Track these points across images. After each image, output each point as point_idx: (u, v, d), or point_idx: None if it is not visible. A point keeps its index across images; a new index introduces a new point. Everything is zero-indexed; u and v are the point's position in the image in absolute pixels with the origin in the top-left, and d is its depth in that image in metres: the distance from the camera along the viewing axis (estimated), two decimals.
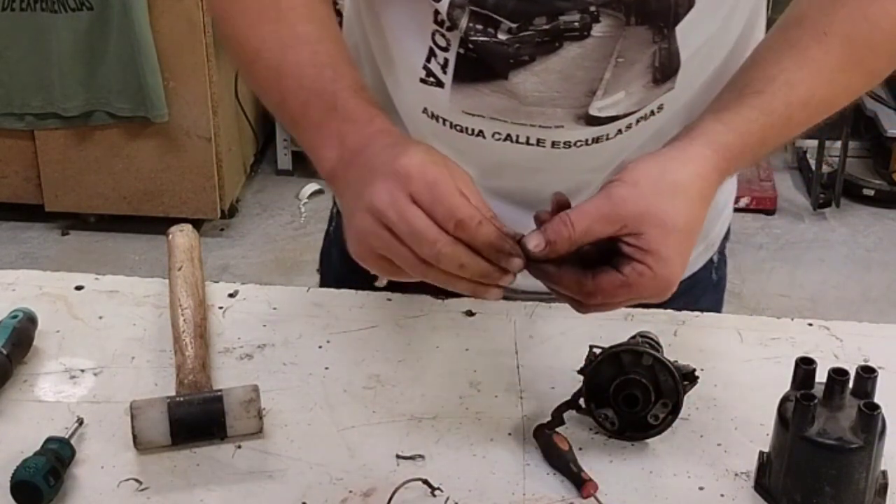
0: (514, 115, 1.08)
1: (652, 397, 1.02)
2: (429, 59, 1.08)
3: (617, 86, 1.05)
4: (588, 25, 1.01)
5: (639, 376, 1.02)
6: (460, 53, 1.05)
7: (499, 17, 1.02)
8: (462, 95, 1.08)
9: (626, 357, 1.03)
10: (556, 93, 1.05)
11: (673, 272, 0.95)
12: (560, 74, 1.04)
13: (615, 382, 1.03)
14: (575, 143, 1.09)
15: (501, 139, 1.10)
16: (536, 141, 1.09)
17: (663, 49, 1.04)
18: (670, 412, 1.03)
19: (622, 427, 1.04)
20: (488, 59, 1.04)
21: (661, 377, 1.02)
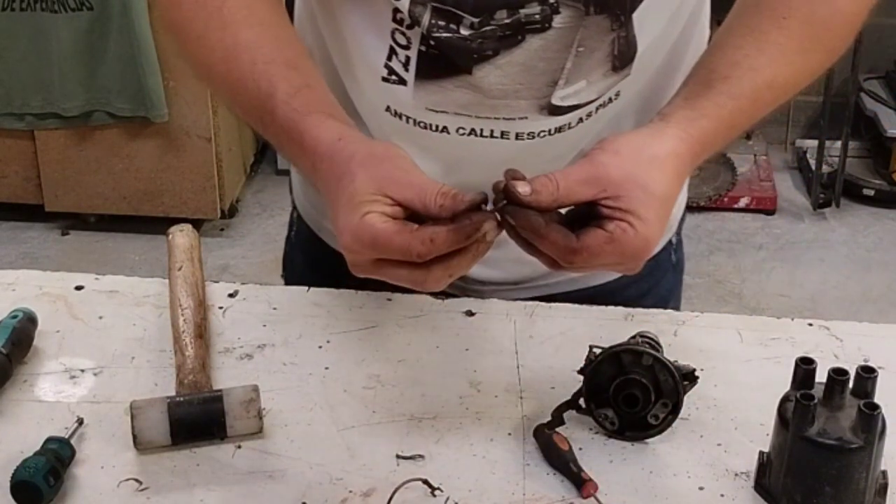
0: (479, 109, 1.08)
1: (652, 397, 1.02)
2: (390, 57, 1.08)
3: (578, 75, 1.07)
4: (549, 17, 1.03)
5: (639, 376, 1.02)
6: (422, 51, 1.06)
7: (460, 12, 1.03)
8: (425, 92, 1.08)
9: (626, 357, 1.03)
10: (519, 85, 1.07)
11: (652, 234, 0.95)
12: (523, 67, 1.06)
13: (615, 382, 1.03)
14: (539, 133, 1.10)
15: (466, 134, 1.11)
16: (501, 134, 1.10)
17: (621, 37, 1.06)
18: (670, 412, 1.03)
19: (622, 427, 1.04)
20: (451, 54, 1.05)
21: (661, 377, 1.02)
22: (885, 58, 3.91)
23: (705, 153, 1.02)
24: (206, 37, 1.05)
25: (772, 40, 1.05)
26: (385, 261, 0.93)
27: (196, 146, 3.46)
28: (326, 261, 1.30)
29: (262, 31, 1.05)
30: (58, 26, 3.25)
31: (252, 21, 1.05)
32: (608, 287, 1.27)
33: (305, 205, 1.36)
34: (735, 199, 3.78)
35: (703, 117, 1.02)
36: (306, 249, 1.37)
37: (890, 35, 3.89)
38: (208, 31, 1.04)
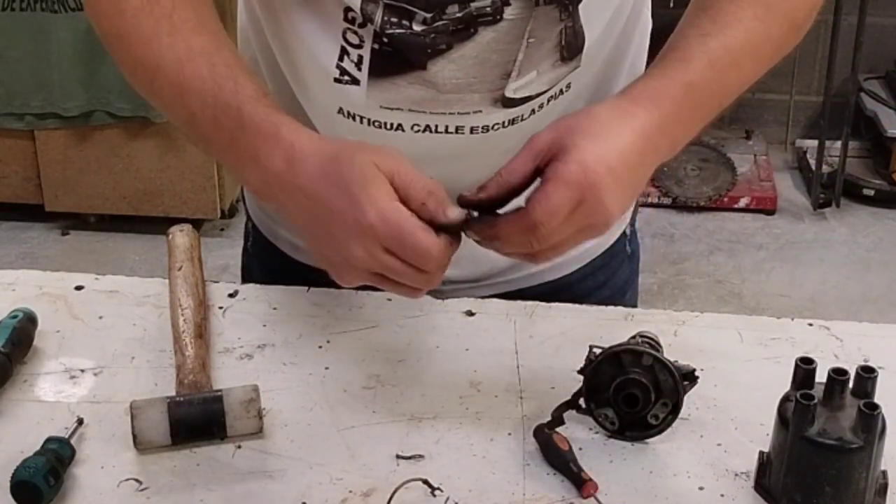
0: (433, 105, 1.09)
1: (652, 397, 1.02)
2: (341, 57, 1.08)
3: (529, 66, 1.08)
4: (500, 9, 1.04)
5: (639, 376, 1.02)
6: (374, 49, 1.06)
7: (413, 7, 1.03)
8: (379, 90, 1.09)
9: (626, 357, 1.03)
10: (472, 78, 1.07)
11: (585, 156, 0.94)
12: (476, 60, 1.06)
13: (615, 382, 1.03)
14: (493, 126, 1.11)
15: (420, 130, 1.11)
16: (455, 129, 1.11)
17: (569, 27, 1.07)
18: (670, 412, 1.03)
19: (622, 427, 1.04)
20: (405, 51, 1.05)
21: (661, 377, 1.02)
22: (885, 58, 3.91)
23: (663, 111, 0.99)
24: (154, 40, 1.03)
25: (724, 10, 1.05)
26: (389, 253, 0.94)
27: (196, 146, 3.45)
28: (283, 269, 1.30)
29: (214, 38, 1.04)
30: (58, 26, 3.25)
31: (202, 29, 1.04)
32: (566, 280, 1.29)
33: (259, 214, 1.36)
34: (735, 199, 3.78)
35: (649, 80, 1.03)
36: (263, 259, 1.37)
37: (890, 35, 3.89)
38: (157, 35, 1.03)
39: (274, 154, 0.98)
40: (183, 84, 1.02)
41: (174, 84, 1.02)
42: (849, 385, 0.95)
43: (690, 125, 1.03)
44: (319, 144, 0.98)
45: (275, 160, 0.98)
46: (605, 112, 0.99)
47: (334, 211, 0.95)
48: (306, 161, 0.97)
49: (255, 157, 0.99)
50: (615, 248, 1.34)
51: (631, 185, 0.98)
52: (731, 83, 1.06)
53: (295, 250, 1.30)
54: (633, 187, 0.98)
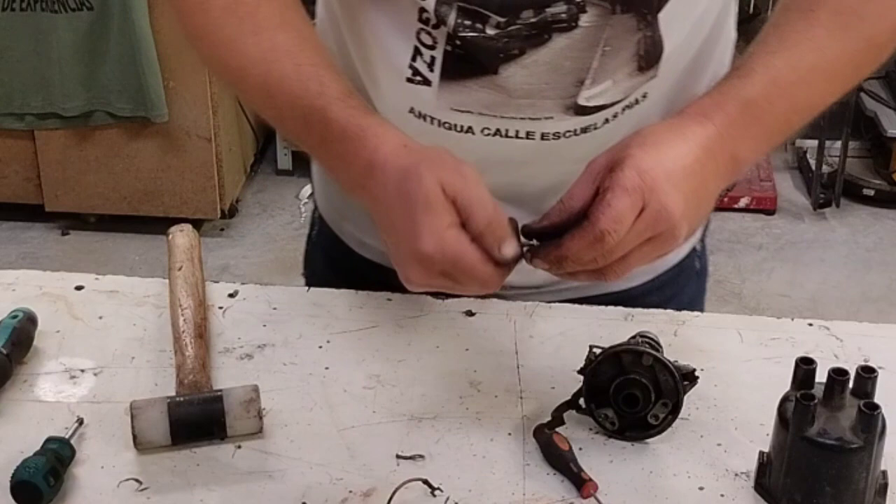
0: (504, 109, 1.08)
1: (652, 397, 1.02)
2: (414, 57, 1.08)
3: (604, 74, 1.06)
4: (575, 16, 1.02)
5: (639, 376, 1.02)
6: (447, 50, 1.05)
7: (487, 11, 1.02)
8: (450, 92, 1.08)
9: (626, 357, 1.03)
10: (545, 84, 1.06)
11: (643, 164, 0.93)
12: (549, 66, 1.05)
13: (615, 382, 1.03)
14: (564, 133, 1.10)
15: (491, 134, 1.10)
16: (526, 134, 1.10)
17: (647, 37, 1.05)
18: (670, 412, 1.03)
19: (622, 427, 1.04)
20: (477, 54, 1.05)
21: (661, 377, 1.02)
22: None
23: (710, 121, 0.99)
24: (239, 41, 1.04)
25: (796, 29, 1.03)
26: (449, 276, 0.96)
27: (196, 146, 3.46)
28: (346, 261, 1.30)
29: (299, 35, 1.04)
30: (58, 26, 3.25)
31: (287, 27, 1.04)
32: (632, 293, 1.25)
33: (326, 206, 1.36)
34: (735, 199, 3.78)
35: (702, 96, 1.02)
36: (327, 249, 1.36)
37: None
38: (241, 35, 1.04)
39: (358, 157, 0.99)
40: (270, 85, 1.02)
41: (261, 85, 1.03)
42: (849, 385, 0.95)
43: (752, 141, 1.02)
44: (398, 154, 0.98)
45: (358, 164, 0.99)
46: (657, 128, 0.99)
47: (399, 231, 0.96)
48: (385, 170, 0.97)
49: (342, 157, 1.00)
50: (684, 264, 1.31)
51: (693, 193, 0.96)
52: (800, 101, 1.05)
53: (360, 246, 1.30)
54: (696, 197, 0.97)
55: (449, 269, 0.95)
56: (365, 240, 1.29)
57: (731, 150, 1.00)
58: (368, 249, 1.29)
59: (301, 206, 3.79)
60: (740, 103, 1.00)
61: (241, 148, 3.76)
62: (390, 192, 0.96)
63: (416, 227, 0.94)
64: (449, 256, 0.94)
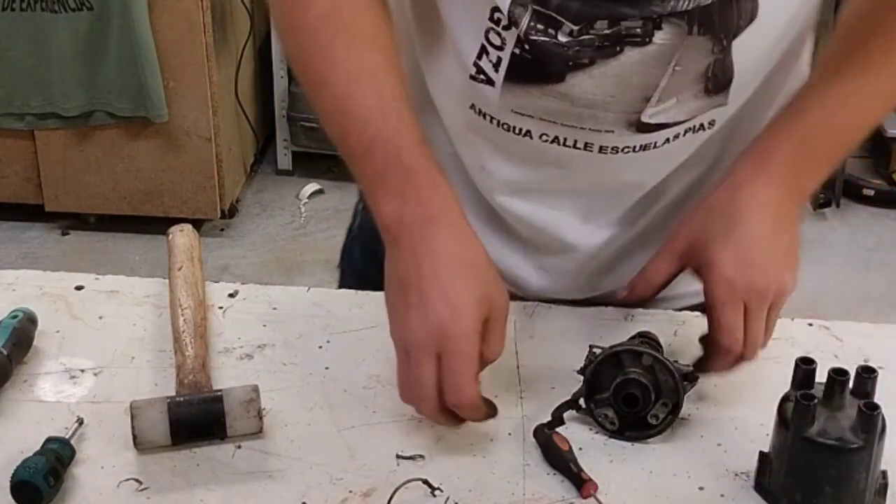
0: (565, 118, 1.08)
1: (652, 397, 1.02)
2: (480, 56, 1.07)
3: (671, 93, 1.06)
4: (650, 32, 1.01)
5: (639, 376, 1.02)
6: (515, 53, 1.04)
7: (561, 18, 1.01)
8: (513, 95, 1.07)
9: (626, 357, 1.03)
10: (610, 97, 1.05)
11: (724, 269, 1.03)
12: (617, 79, 1.04)
13: (615, 382, 1.03)
14: (623, 148, 1.09)
15: (549, 141, 1.10)
16: (584, 145, 1.09)
17: (718, 60, 1.04)
18: (670, 412, 1.03)
19: (622, 427, 1.04)
20: (545, 60, 1.04)
21: (661, 377, 1.02)
22: None
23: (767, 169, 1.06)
24: (329, 51, 1.04)
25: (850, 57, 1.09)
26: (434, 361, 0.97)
27: (196, 146, 3.46)
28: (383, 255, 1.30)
29: (387, 60, 1.04)
30: (58, 26, 3.24)
31: (378, 47, 1.04)
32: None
33: None
34: None
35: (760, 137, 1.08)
36: (367, 243, 1.35)
37: None
38: (332, 46, 1.03)
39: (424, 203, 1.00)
40: (347, 103, 1.02)
41: (338, 99, 1.03)
42: (849, 385, 0.95)
43: (811, 173, 1.09)
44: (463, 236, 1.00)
45: (420, 208, 1.00)
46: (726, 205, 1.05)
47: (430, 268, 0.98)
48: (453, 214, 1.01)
49: (401, 193, 1.00)
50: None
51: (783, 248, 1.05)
52: (854, 126, 1.11)
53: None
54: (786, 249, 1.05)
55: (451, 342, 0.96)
56: None
57: (796, 189, 1.08)
58: None
59: (301, 206, 3.79)
60: (795, 142, 1.07)
61: (241, 148, 3.75)
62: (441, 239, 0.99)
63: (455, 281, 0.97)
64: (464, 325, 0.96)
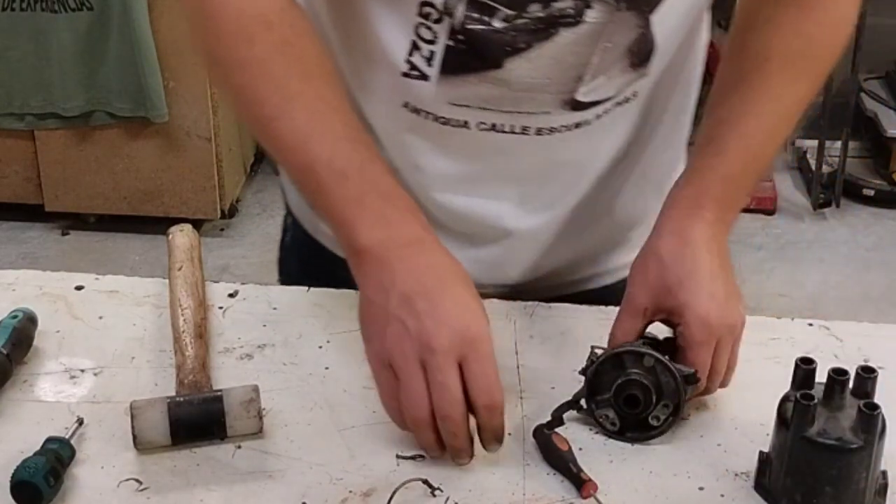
0: (502, 103, 1.09)
1: (653, 399, 1.02)
2: (411, 52, 1.08)
3: (600, 70, 1.08)
4: (581, 11, 1.03)
5: (640, 377, 1.02)
6: (449, 45, 1.06)
7: (496, 4, 1.02)
8: (449, 87, 1.08)
9: (627, 358, 1.03)
10: (547, 79, 1.07)
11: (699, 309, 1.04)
12: (552, 60, 1.06)
13: (616, 383, 1.03)
14: (559, 128, 1.11)
15: (487, 129, 1.11)
16: (521, 129, 1.11)
17: (641, 34, 1.07)
18: (671, 413, 1.03)
19: (623, 428, 1.04)
20: (481, 48, 1.05)
21: (662, 378, 1.02)
22: (885, 58, 3.91)
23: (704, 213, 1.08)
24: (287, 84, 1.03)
25: (753, 86, 1.11)
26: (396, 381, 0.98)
27: (196, 146, 3.46)
28: (323, 264, 1.30)
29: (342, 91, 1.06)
30: (58, 26, 3.24)
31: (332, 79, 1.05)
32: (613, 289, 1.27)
33: (300, 208, 1.35)
34: None
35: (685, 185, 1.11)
36: (302, 253, 1.37)
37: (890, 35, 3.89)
38: (289, 78, 1.03)
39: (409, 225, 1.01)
40: (311, 135, 1.02)
41: (300, 131, 1.02)
42: (849, 385, 0.95)
43: (737, 205, 1.12)
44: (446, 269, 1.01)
45: (406, 230, 1.01)
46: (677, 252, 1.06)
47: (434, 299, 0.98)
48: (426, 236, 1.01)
49: (383, 217, 1.01)
50: None
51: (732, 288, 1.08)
52: (767, 155, 1.14)
53: (335, 245, 1.29)
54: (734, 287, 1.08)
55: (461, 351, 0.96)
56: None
57: (726, 224, 1.10)
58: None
59: None
60: (722, 182, 1.09)
61: (241, 148, 3.75)
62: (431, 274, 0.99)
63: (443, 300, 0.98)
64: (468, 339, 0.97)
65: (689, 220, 1.07)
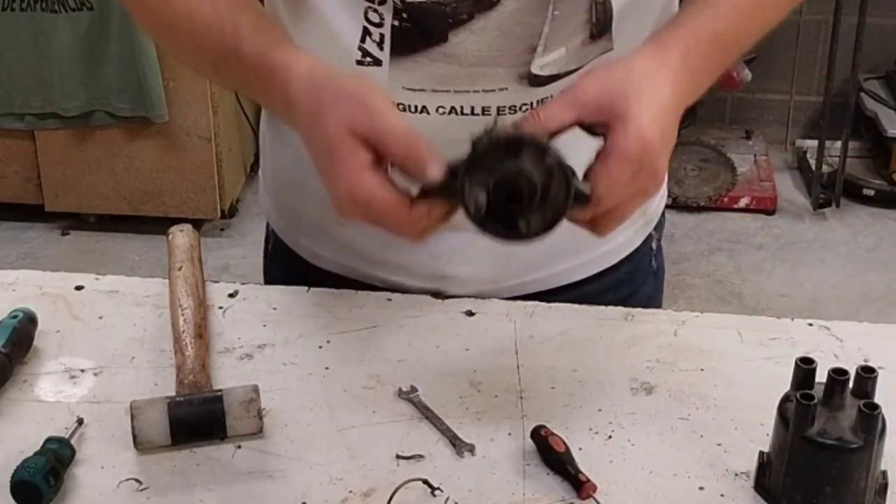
0: (456, 82, 1.08)
1: (534, 202, 0.91)
2: (363, 38, 1.08)
3: (556, 42, 1.07)
4: None
5: (532, 174, 0.90)
6: (395, 25, 1.06)
7: None
8: (401, 70, 1.08)
9: (528, 148, 0.91)
10: (496, 51, 1.06)
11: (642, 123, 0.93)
12: (499, 31, 1.05)
13: (504, 169, 0.90)
14: (521, 106, 1.10)
15: (446, 113, 1.10)
16: (482, 110, 1.10)
17: (598, 3, 1.06)
18: (543, 227, 0.93)
19: (485, 217, 0.93)
20: (425, 22, 1.05)
21: (554, 185, 0.91)
22: (885, 58, 3.91)
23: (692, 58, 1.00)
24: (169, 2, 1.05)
25: None
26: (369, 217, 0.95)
27: (196, 146, 3.46)
28: (302, 273, 1.30)
29: None
30: (58, 26, 3.25)
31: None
32: (587, 291, 1.26)
33: (278, 220, 1.35)
34: (735, 199, 3.78)
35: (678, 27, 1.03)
36: (283, 263, 1.37)
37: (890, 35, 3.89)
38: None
39: (274, 96, 1.00)
40: (195, 37, 1.04)
41: (187, 35, 1.05)
42: (849, 385, 0.95)
43: (714, 74, 1.04)
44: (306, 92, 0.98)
45: (276, 101, 1.01)
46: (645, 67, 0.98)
47: (319, 171, 0.97)
48: (298, 111, 0.99)
49: (263, 95, 1.03)
50: (638, 263, 1.31)
51: (669, 134, 0.97)
52: (752, 29, 1.07)
53: (315, 257, 1.29)
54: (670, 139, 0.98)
55: (366, 213, 0.95)
56: (319, 251, 1.29)
57: (697, 85, 1.02)
58: (323, 261, 1.29)
59: None
60: (710, 36, 1.02)
61: (241, 148, 3.76)
62: (306, 131, 0.98)
63: (328, 172, 0.96)
64: (361, 201, 0.94)
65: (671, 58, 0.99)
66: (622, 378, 1.11)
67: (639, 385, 1.10)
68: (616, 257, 1.29)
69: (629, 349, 1.15)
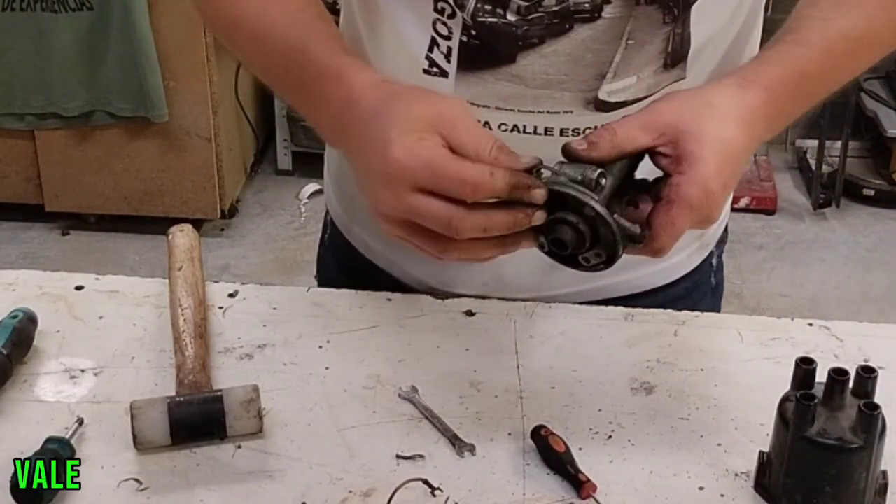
0: (521, 102, 1.07)
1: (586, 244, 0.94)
2: (431, 48, 1.07)
3: (628, 69, 1.05)
4: (599, 7, 1.01)
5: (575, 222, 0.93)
6: (463, 41, 1.05)
7: None
8: (466, 85, 1.07)
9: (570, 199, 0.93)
10: (564, 76, 1.05)
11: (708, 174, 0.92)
12: (569, 57, 1.04)
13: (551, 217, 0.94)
14: (584, 130, 1.08)
15: (508, 130, 1.09)
16: (545, 130, 1.08)
17: (676, 33, 1.04)
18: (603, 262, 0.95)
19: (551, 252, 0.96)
20: (494, 42, 1.03)
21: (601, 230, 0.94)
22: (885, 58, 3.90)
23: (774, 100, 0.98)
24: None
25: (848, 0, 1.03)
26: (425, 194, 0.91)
27: (196, 146, 3.46)
28: (355, 265, 1.30)
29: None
30: (58, 26, 3.25)
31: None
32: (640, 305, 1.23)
33: (337, 209, 1.35)
34: (735, 199, 3.74)
35: (764, 64, 1.00)
36: (338, 253, 1.36)
37: None
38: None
39: (335, 95, 0.98)
40: (259, 34, 1.04)
41: (252, 34, 1.04)
42: (849, 385, 0.95)
43: (794, 116, 1.03)
44: (377, 86, 0.97)
45: (335, 101, 0.98)
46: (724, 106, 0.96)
47: (371, 149, 0.93)
48: (361, 100, 0.96)
49: (320, 98, 0.99)
50: (698, 279, 1.29)
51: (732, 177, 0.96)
52: (843, 72, 1.05)
53: (367, 250, 1.29)
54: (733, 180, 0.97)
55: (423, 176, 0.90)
56: (371, 244, 1.29)
57: (774, 125, 1.00)
58: (375, 254, 1.29)
59: (301, 206, 3.79)
60: (797, 76, 1.00)
61: (241, 148, 3.76)
62: (365, 119, 0.94)
63: (387, 137, 0.91)
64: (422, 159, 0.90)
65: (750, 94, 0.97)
66: (622, 378, 1.11)
67: (639, 385, 1.10)
68: (669, 277, 1.26)
69: (629, 349, 1.15)
